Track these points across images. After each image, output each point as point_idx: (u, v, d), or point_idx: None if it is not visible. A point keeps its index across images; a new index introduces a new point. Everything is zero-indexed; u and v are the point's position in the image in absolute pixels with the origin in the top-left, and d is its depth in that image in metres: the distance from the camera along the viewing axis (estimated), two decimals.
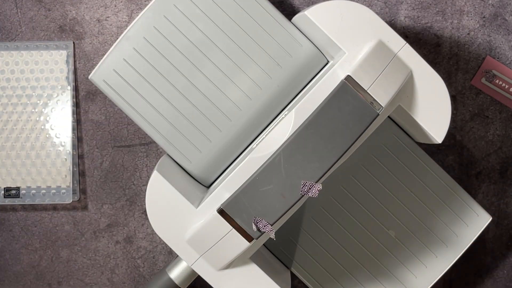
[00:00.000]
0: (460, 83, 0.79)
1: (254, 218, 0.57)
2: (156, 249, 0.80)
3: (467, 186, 0.80)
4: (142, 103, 0.65)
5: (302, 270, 0.73)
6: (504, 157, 0.80)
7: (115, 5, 0.78)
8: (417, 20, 0.78)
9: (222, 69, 0.66)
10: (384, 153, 0.72)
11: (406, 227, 0.73)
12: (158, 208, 0.62)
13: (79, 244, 0.80)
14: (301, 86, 0.67)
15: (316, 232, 0.73)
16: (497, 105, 0.79)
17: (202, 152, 0.66)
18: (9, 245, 0.80)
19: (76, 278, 0.81)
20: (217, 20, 0.65)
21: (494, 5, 0.78)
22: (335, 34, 0.62)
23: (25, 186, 0.78)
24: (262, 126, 0.67)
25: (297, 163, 0.56)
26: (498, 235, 0.81)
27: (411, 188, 0.72)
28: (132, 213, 0.80)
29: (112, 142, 0.79)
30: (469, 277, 0.81)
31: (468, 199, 0.73)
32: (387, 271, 0.73)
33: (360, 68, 0.58)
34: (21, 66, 0.78)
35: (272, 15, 0.66)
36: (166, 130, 0.66)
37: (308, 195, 0.56)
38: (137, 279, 0.81)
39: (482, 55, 0.79)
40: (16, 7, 0.78)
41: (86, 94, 0.78)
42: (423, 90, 0.62)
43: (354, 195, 0.72)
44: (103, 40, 0.78)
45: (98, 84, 0.65)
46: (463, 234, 0.73)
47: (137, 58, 0.65)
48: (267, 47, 0.66)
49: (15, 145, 0.78)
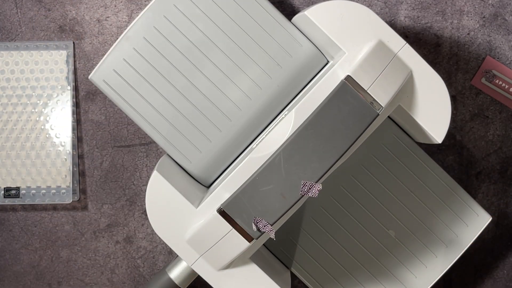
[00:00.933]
0: (460, 83, 0.79)
1: (254, 218, 0.57)
2: (156, 249, 0.80)
3: (467, 186, 0.80)
4: (142, 103, 0.65)
5: (302, 270, 0.73)
6: (504, 157, 0.80)
7: (115, 5, 0.78)
8: (417, 20, 0.78)
9: (222, 69, 0.66)
10: (384, 153, 0.72)
11: (406, 227, 0.73)
12: (158, 208, 0.62)
13: (79, 244, 0.80)
14: (301, 86, 0.67)
15: (316, 232, 0.73)
16: (497, 105, 0.79)
17: (202, 152, 0.66)
18: (9, 245, 0.80)
19: (76, 278, 0.81)
20: (217, 20, 0.65)
21: (494, 5, 0.78)
22: (335, 34, 0.62)
23: (25, 186, 0.78)
24: (262, 126, 0.67)
25: (297, 163, 0.56)
26: (498, 235, 0.81)
27: (411, 188, 0.72)
28: (132, 213, 0.80)
29: (112, 142, 0.79)
30: (469, 277, 0.81)
31: (468, 199, 0.73)
32: (387, 271, 0.73)
33: (360, 68, 0.58)
34: (21, 66, 0.78)
35: (272, 15, 0.66)
36: (166, 130, 0.66)
37: (308, 195, 0.56)
38: (137, 279, 0.81)
39: (482, 55, 0.79)
40: (16, 7, 0.78)
41: (86, 94, 0.78)
42: (423, 90, 0.62)
43: (354, 195, 0.72)
44: (103, 40, 0.78)
45: (98, 84, 0.65)
46: (463, 234, 0.73)
47: (137, 58, 0.65)
48: (267, 47, 0.66)
49: (15, 145, 0.78)
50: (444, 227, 0.73)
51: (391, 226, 0.72)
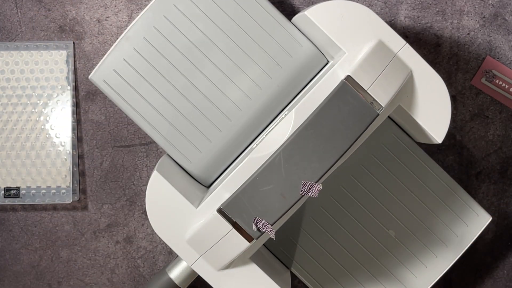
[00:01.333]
0: (460, 83, 0.79)
1: (254, 218, 0.57)
2: (156, 249, 0.80)
3: (467, 186, 0.80)
4: (142, 103, 0.65)
5: (302, 270, 0.73)
6: (504, 157, 0.80)
7: (115, 5, 0.78)
8: (417, 20, 0.78)
9: (222, 69, 0.66)
10: (384, 153, 0.72)
11: (406, 227, 0.73)
12: (158, 208, 0.62)
13: (79, 244, 0.80)
14: (301, 86, 0.67)
15: (316, 232, 0.73)
16: (497, 105, 0.79)
17: (202, 152, 0.66)
18: (9, 245, 0.80)
19: (76, 278, 0.81)
20: (217, 20, 0.65)
21: (494, 5, 0.78)
22: (335, 34, 0.62)
23: (25, 186, 0.78)
24: (262, 126, 0.67)
25: (297, 163, 0.56)
26: (498, 235, 0.81)
27: (411, 188, 0.72)
28: (132, 213, 0.80)
29: (112, 142, 0.79)
30: (469, 277, 0.81)
31: (468, 199, 0.73)
32: (387, 271, 0.73)
33: (360, 68, 0.58)
34: (21, 66, 0.78)
35: (272, 15, 0.66)
36: (166, 130, 0.66)
37: (308, 195, 0.56)
38: (137, 279, 0.81)
39: (482, 55, 0.79)
40: (16, 7, 0.78)
41: (86, 94, 0.78)
42: (423, 90, 0.62)
43: (354, 195, 0.72)
44: (103, 40, 0.78)
45: (98, 84, 0.65)
46: (463, 234, 0.73)
47: (137, 58, 0.65)
48: (267, 47, 0.66)
49: (15, 145, 0.78)
50: (444, 227, 0.73)
51: (391, 226, 0.72)
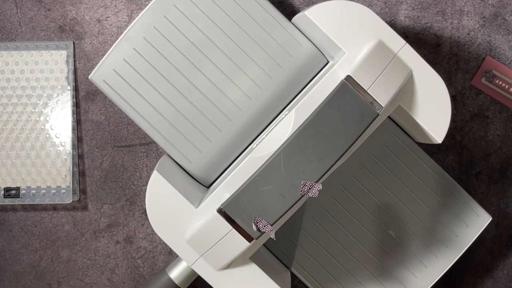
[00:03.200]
0: (460, 83, 0.79)
1: (254, 218, 0.57)
2: (156, 249, 0.80)
3: (467, 186, 0.80)
4: (142, 103, 0.65)
5: (302, 270, 0.73)
6: (504, 157, 0.80)
7: (115, 5, 0.78)
8: (417, 20, 0.78)
9: (222, 69, 0.66)
10: (384, 153, 0.72)
11: (406, 227, 0.73)
12: (158, 208, 0.62)
13: (79, 244, 0.80)
14: (301, 86, 0.67)
15: (316, 232, 0.73)
16: (497, 105, 0.79)
17: (202, 152, 0.66)
18: (9, 245, 0.80)
19: (76, 278, 0.81)
20: (217, 20, 0.65)
21: (494, 5, 0.78)
22: (335, 34, 0.62)
23: (25, 186, 0.78)
24: (262, 126, 0.67)
25: (297, 163, 0.56)
26: (498, 235, 0.81)
27: (411, 188, 0.72)
28: (132, 213, 0.80)
29: (112, 142, 0.79)
30: (469, 277, 0.81)
31: (468, 199, 0.73)
32: (387, 271, 0.73)
33: (360, 68, 0.58)
34: (21, 66, 0.78)
35: (272, 15, 0.66)
36: (166, 130, 0.66)
37: (308, 195, 0.56)
38: (137, 279, 0.81)
39: (482, 55, 0.79)
40: (16, 7, 0.78)
41: (86, 94, 0.78)
42: (423, 90, 0.62)
43: (354, 195, 0.72)
44: (103, 40, 0.78)
45: (98, 84, 0.65)
46: (463, 234, 0.73)
47: (137, 58, 0.65)
48: (267, 47, 0.66)
49: (15, 145, 0.78)
50: (444, 227, 0.73)
51: (391, 226, 0.72)
